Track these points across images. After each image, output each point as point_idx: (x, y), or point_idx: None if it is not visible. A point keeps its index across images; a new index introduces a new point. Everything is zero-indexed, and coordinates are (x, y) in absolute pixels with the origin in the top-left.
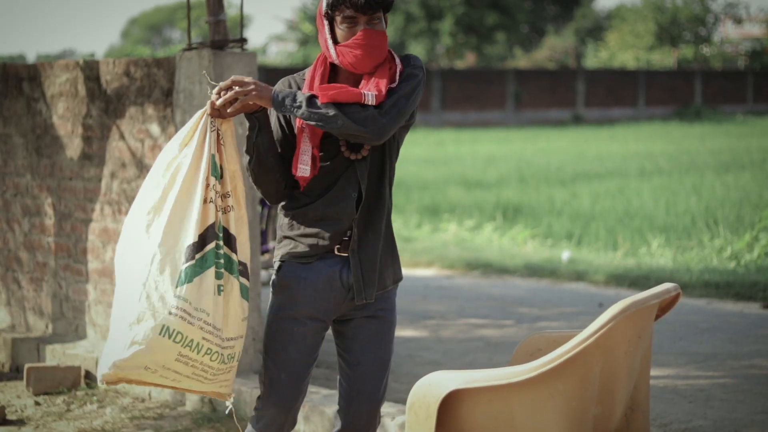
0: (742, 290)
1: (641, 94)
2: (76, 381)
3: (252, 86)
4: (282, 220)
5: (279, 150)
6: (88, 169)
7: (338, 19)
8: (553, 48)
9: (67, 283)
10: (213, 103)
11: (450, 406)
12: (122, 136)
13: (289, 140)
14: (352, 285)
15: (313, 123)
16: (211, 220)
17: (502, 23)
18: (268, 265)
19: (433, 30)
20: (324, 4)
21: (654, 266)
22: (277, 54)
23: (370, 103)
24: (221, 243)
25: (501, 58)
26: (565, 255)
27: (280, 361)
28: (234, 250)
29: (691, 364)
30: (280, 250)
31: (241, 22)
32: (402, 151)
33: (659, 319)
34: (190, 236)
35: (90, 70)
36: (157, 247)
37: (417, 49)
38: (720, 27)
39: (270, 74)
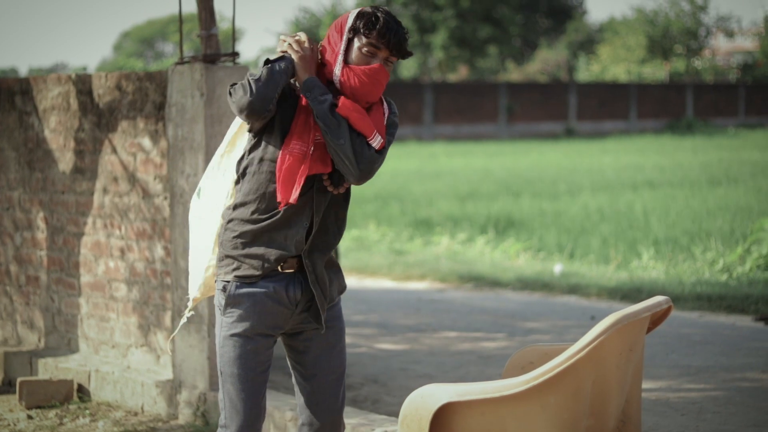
0: (734, 303)
1: (633, 107)
2: (68, 394)
3: (300, 53)
4: (225, 236)
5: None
6: (80, 183)
7: (361, 42)
8: (545, 61)
9: (60, 297)
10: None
11: (442, 419)
12: (114, 150)
13: (282, 117)
14: (299, 300)
15: (320, 123)
16: None
17: (495, 36)
18: None
19: (426, 43)
20: (352, 20)
21: (646, 279)
22: None
23: (375, 145)
24: None
25: (493, 72)
26: (558, 268)
27: (238, 381)
28: None
29: (683, 377)
30: (222, 269)
31: (233, 35)
32: (394, 164)
33: (651, 332)
34: None
35: (82, 83)
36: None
37: (409, 62)
38: (712, 40)
39: None
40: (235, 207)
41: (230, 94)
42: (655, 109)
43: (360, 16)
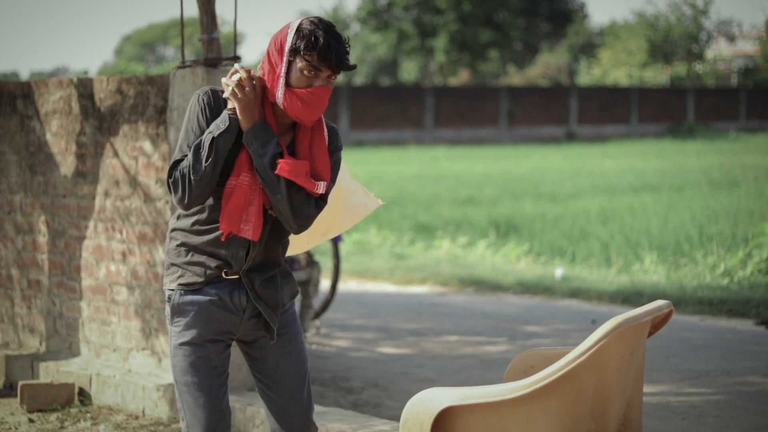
0: (735, 307)
1: (634, 111)
2: (69, 398)
3: (243, 102)
4: (170, 245)
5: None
6: (81, 187)
7: (301, 64)
8: (546, 65)
9: (61, 301)
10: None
11: (444, 422)
12: (116, 154)
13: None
14: (245, 306)
15: (260, 177)
16: None
17: (496, 40)
18: None
19: (427, 47)
20: (291, 40)
21: (647, 283)
22: None
23: (320, 192)
24: None
25: (494, 75)
26: (559, 272)
27: (193, 388)
28: None
29: (684, 381)
30: (168, 278)
31: (235, 39)
32: (395, 168)
33: (652, 336)
34: None
35: (84, 87)
36: None
37: (410, 66)
38: (713, 44)
39: None
40: (179, 217)
41: (169, 186)
42: (656, 113)
43: (300, 35)
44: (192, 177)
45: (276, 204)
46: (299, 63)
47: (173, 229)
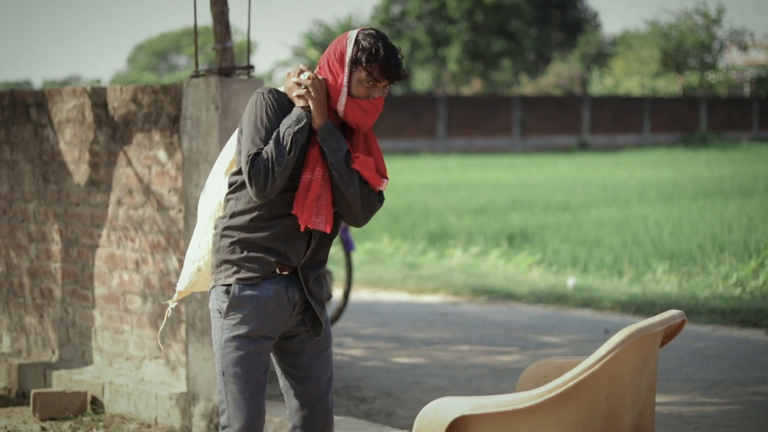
0: (748, 317)
1: (646, 121)
2: (82, 406)
3: (317, 100)
4: (222, 243)
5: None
6: (94, 196)
7: (362, 75)
8: (558, 74)
9: (74, 309)
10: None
11: None
12: (129, 163)
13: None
14: (296, 302)
15: (333, 171)
16: None
17: (508, 50)
18: None
19: (440, 56)
20: (352, 51)
21: (659, 293)
22: (283, 80)
23: (383, 188)
24: None
25: (507, 85)
26: (571, 281)
27: (241, 381)
28: None
29: (697, 391)
30: (222, 273)
31: (248, 48)
32: (408, 177)
33: (664, 346)
34: None
35: (97, 96)
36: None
37: (423, 75)
38: (725, 54)
39: None
40: (233, 215)
41: (250, 177)
42: (668, 123)
43: (360, 47)
44: (276, 168)
45: (349, 197)
46: (360, 74)
47: (226, 227)
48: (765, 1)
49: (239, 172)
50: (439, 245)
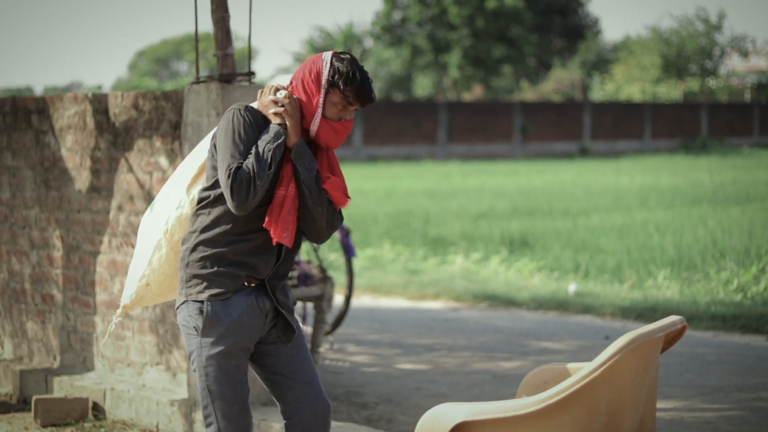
0: (749, 323)
1: (647, 127)
2: (83, 413)
3: (293, 119)
4: (192, 257)
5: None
6: (96, 202)
7: (337, 97)
8: (559, 81)
9: (75, 315)
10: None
11: None
12: (130, 169)
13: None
14: (268, 310)
15: (305, 189)
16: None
17: (509, 56)
18: None
19: (441, 63)
20: (328, 73)
21: (660, 299)
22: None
23: (346, 207)
24: None
25: (508, 91)
26: (572, 287)
27: (227, 397)
28: None
29: (698, 397)
30: (192, 289)
31: (249, 55)
32: (408, 183)
33: (665, 352)
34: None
35: (98, 102)
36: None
37: (424, 81)
38: (726, 60)
39: None
40: (203, 230)
41: (232, 190)
42: (669, 129)
43: (336, 70)
44: (257, 182)
45: (316, 214)
46: (335, 96)
47: (197, 243)
48: (766, 8)
49: (211, 187)
50: (440, 251)
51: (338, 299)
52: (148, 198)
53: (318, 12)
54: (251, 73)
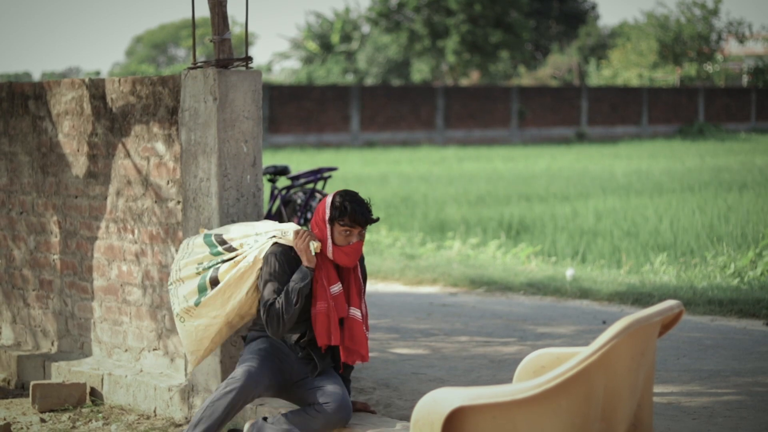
0: (746, 307)
1: (644, 112)
2: (81, 398)
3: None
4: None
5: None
6: (93, 187)
7: (339, 226)
8: (556, 66)
9: (73, 301)
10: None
11: (454, 422)
12: (128, 154)
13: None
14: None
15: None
16: None
17: (507, 41)
18: None
19: (438, 48)
20: (329, 212)
21: (657, 283)
22: (281, 71)
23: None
24: None
25: (505, 76)
26: (569, 272)
27: (253, 358)
28: None
29: (695, 381)
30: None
31: (246, 40)
32: (406, 168)
33: (663, 336)
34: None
35: (95, 88)
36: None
37: (422, 66)
38: (723, 45)
39: (274, 92)
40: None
41: (266, 323)
42: (666, 114)
43: (334, 206)
44: (285, 317)
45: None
46: (338, 227)
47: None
48: None
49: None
50: (438, 236)
51: None
52: (146, 183)
53: None
54: (248, 59)
